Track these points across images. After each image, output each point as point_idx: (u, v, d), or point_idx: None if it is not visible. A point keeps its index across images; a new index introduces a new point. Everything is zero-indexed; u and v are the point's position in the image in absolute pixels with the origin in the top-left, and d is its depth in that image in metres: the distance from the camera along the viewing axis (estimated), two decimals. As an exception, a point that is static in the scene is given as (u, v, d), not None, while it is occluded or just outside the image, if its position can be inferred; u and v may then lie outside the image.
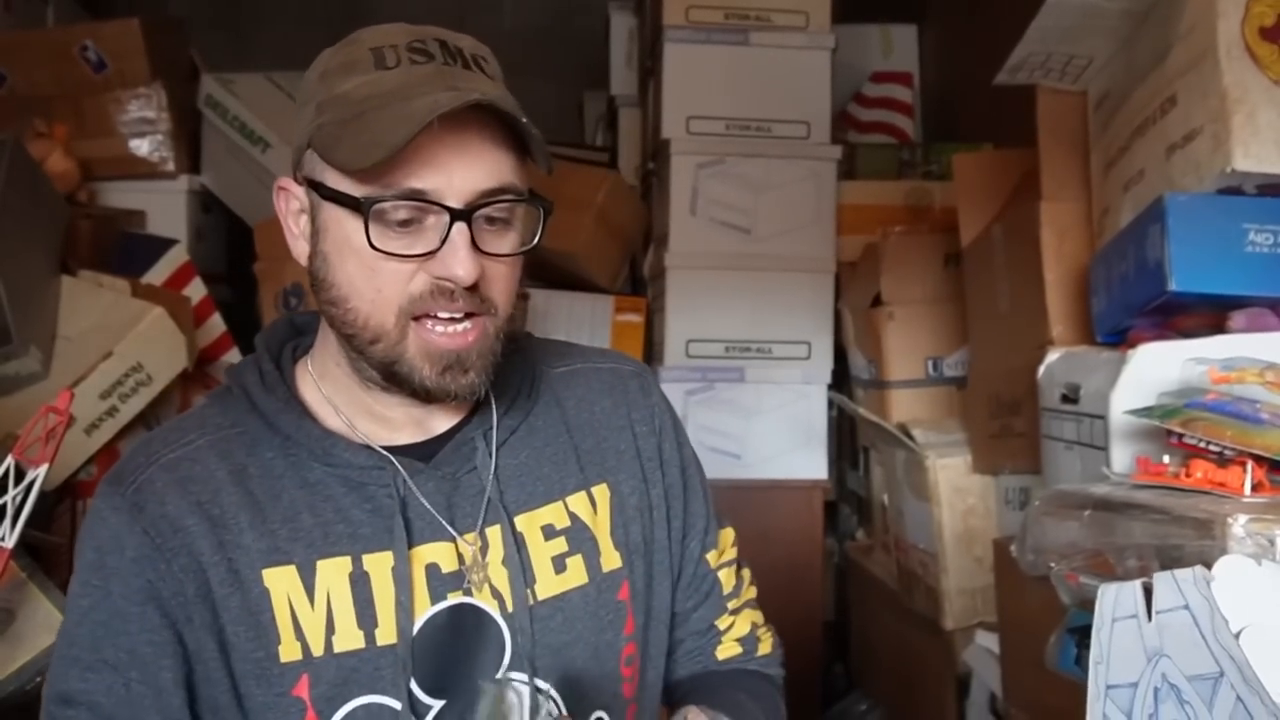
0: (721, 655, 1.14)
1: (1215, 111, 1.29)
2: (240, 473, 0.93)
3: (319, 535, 0.92)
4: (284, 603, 0.91)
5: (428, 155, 0.86)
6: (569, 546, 1.00)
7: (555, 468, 1.02)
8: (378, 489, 0.94)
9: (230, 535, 0.91)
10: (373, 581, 0.92)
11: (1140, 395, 1.23)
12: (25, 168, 2.01)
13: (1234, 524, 0.87)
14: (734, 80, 2.61)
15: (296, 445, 0.94)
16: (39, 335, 1.81)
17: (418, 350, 0.90)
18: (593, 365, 1.10)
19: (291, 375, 1.00)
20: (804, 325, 2.63)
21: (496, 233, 0.90)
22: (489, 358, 0.92)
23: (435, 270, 0.88)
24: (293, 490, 0.93)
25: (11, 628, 1.38)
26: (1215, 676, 0.67)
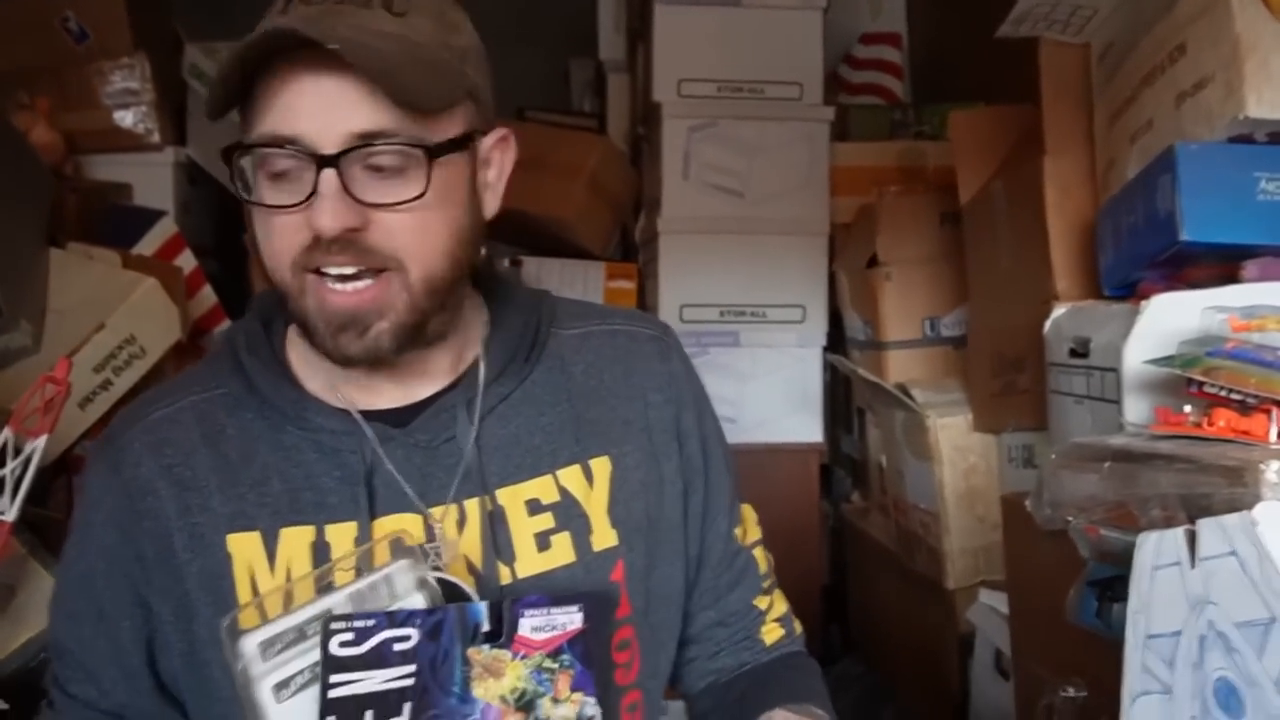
0: (768, 640, 1.10)
1: (1227, 58, 1.28)
2: (218, 435, 0.92)
3: (286, 502, 0.90)
4: (245, 569, 0.89)
5: (293, 101, 0.82)
6: (556, 523, 0.95)
7: (548, 438, 0.96)
8: (348, 455, 0.91)
9: (198, 499, 0.90)
10: (333, 552, 0.89)
11: (1155, 346, 1.22)
12: (10, 141, 1.97)
13: (1267, 470, 0.85)
14: (725, 42, 2.59)
15: (273, 407, 0.92)
16: (29, 309, 1.79)
17: (314, 308, 0.86)
18: (608, 327, 1.04)
19: (281, 337, 0.98)
20: (798, 288, 2.62)
21: (384, 180, 0.84)
22: (398, 318, 0.86)
23: (309, 222, 0.83)
24: (266, 454, 0.92)
25: (13, 604, 1.36)
26: (1266, 623, 0.66)
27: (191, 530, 0.90)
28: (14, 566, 1.36)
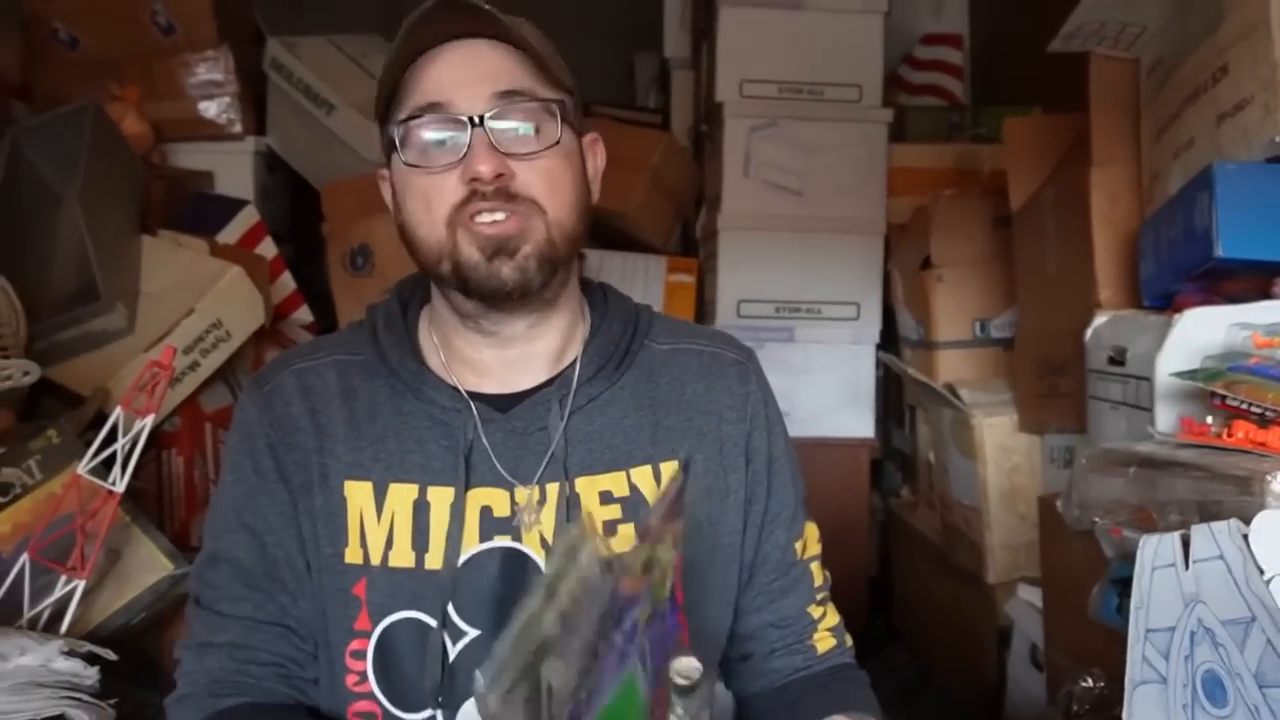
0: (821, 648, 1.15)
1: (1266, 81, 1.32)
2: (350, 393, 1.06)
3: (397, 461, 1.03)
4: (356, 512, 1.02)
5: (439, 76, 0.98)
6: (623, 514, 1.04)
7: (627, 439, 1.06)
8: (455, 428, 1.03)
9: (329, 443, 1.04)
10: (431, 511, 1.02)
11: (1185, 358, 1.28)
12: (107, 131, 2.09)
13: (1272, 481, 0.92)
14: (787, 44, 2.64)
15: (398, 378, 1.05)
16: (124, 293, 1.90)
17: (468, 244, 0.98)
18: (697, 347, 1.13)
19: (415, 318, 1.11)
20: (853, 286, 2.68)
21: (524, 139, 0.99)
22: (539, 248, 0.99)
23: (465, 175, 0.97)
24: (387, 416, 1.05)
25: (118, 566, 1.47)
26: (1247, 621, 0.73)
27: (321, 468, 1.03)
28: (119, 533, 1.47)
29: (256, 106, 2.84)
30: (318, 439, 1.04)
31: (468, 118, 0.97)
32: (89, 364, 1.87)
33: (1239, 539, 0.76)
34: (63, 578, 1.38)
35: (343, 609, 1.02)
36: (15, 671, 1.19)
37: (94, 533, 1.34)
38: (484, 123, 0.97)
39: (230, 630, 1.03)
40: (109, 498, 1.34)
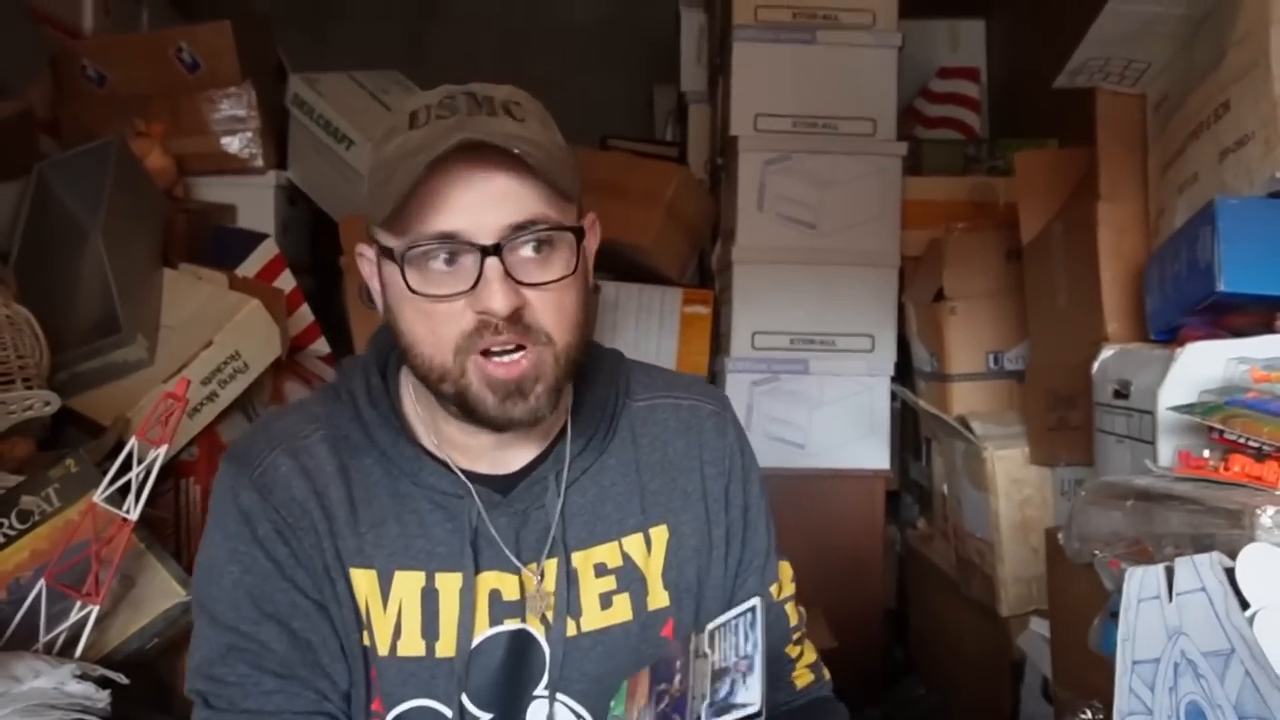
0: (800, 683, 1.18)
1: (1266, 117, 1.33)
2: (344, 472, 1.02)
3: (401, 546, 1.01)
4: (362, 600, 1.00)
5: (453, 199, 0.92)
6: (618, 585, 1.06)
7: (617, 508, 1.08)
8: (458, 513, 1.02)
9: (335, 526, 1.00)
10: (441, 598, 1.01)
11: (1187, 392, 1.29)
12: (130, 166, 2.13)
13: (1262, 514, 0.92)
14: (801, 78, 2.67)
15: (391, 461, 1.03)
16: (145, 325, 1.94)
17: (479, 382, 0.95)
18: (674, 400, 1.15)
19: (396, 384, 1.08)
20: (868, 318, 2.69)
21: (538, 263, 0.95)
22: (550, 383, 0.97)
23: (475, 306, 0.93)
24: (384, 498, 1.02)
25: (132, 593, 1.50)
26: (1227, 653, 0.73)
27: (335, 552, 1.00)
28: (133, 560, 1.50)
29: (278, 141, 2.89)
30: (327, 522, 1.00)
31: (480, 247, 0.92)
32: (110, 394, 1.91)
33: (1220, 571, 0.77)
34: (78, 603, 1.40)
35: (361, 692, 1.01)
36: (29, 694, 1.21)
37: (108, 559, 1.37)
38: (499, 252, 0.92)
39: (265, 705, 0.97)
40: (123, 525, 1.37)
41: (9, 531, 1.47)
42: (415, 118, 0.96)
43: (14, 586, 1.47)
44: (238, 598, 0.99)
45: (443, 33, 4.18)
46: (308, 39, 3.95)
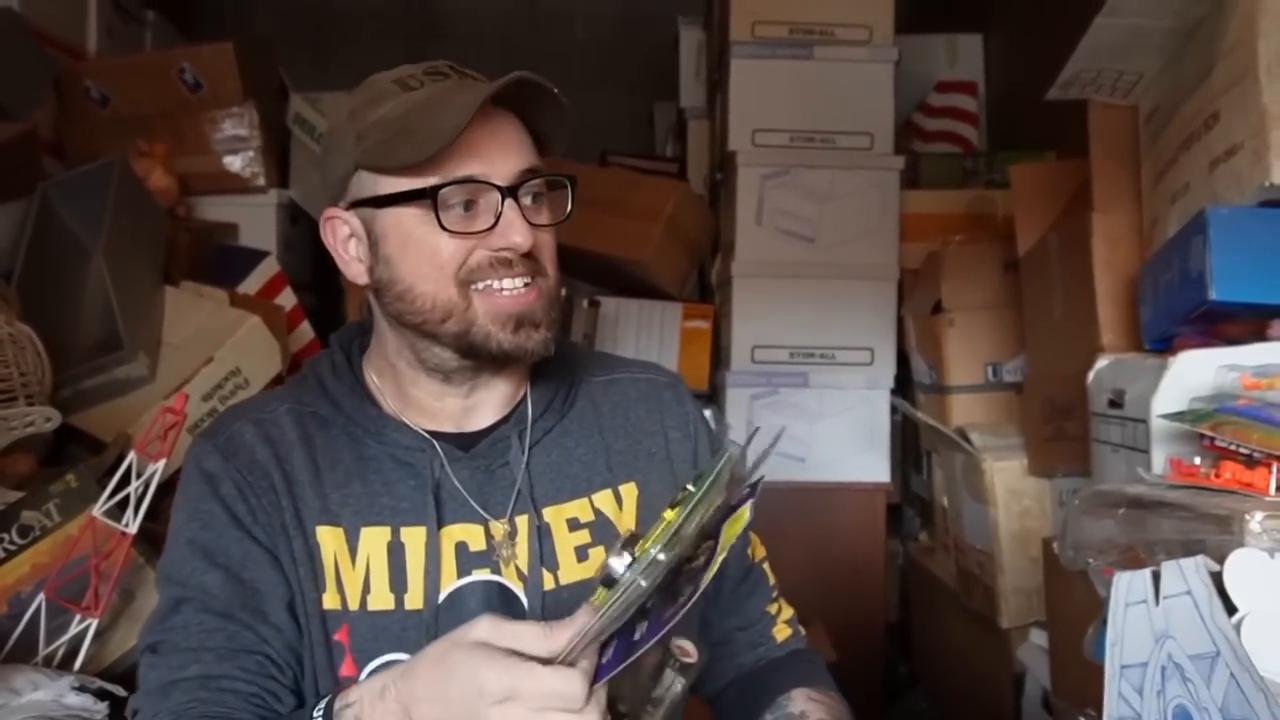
0: (780, 637, 1.22)
1: (1255, 128, 1.34)
2: (308, 440, 1.07)
3: (366, 504, 1.05)
4: (330, 558, 1.03)
5: (473, 146, 0.99)
6: (592, 538, 1.10)
7: (584, 467, 1.12)
8: (421, 468, 1.06)
9: (297, 489, 1.04)
10: (407, 552, 1.04)
11: (1179, 400, 1.29)
12: (132, 185, 2.15)
13: (1250, 520, 0.93)
14: (798, 93, 2.69)
15: (356, 424, 1.07)
16: (147, 342, 1.95)
17: (487, 315, 1.01)
18: (631, 375, 1.21)
19: (360, 366, 1.13)
20: (867, 331, 2.70)
21: (536, 208, 1.04)
22: (554, 315, 1.05)
23: (495, 243, 1.00)
24: (349, 462, 1.06)
25: (131, 606, 1.51)
26: (1212, 656, 0.74)
27: (294, 513, 1.03)
28: (133, 574, 1.51)
29: (280, 160, 2.91)
30: (286, 484, 1.04)
31: (500, 188, 1.00)
32: (112, 411, 1.92)
33: (1205, 575, 0.77)
34: (77, 616, 1.41)
35: (328, 656, 1.02)
36: (28, 706, 1.22)
37: (108, 573, 1.38)
38: (515, 193, 1.00)
39: (202, 661, 0.99)
40: (122, 539, 1.38)
41: (9, 546, 1.48)
42: (405, 84, 1.03)
43: (14, 600, 1.48)
44: (191, 553, 1.02)
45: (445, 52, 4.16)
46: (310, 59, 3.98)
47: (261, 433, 1.06)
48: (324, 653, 1.02)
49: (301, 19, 4.25)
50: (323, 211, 1.08)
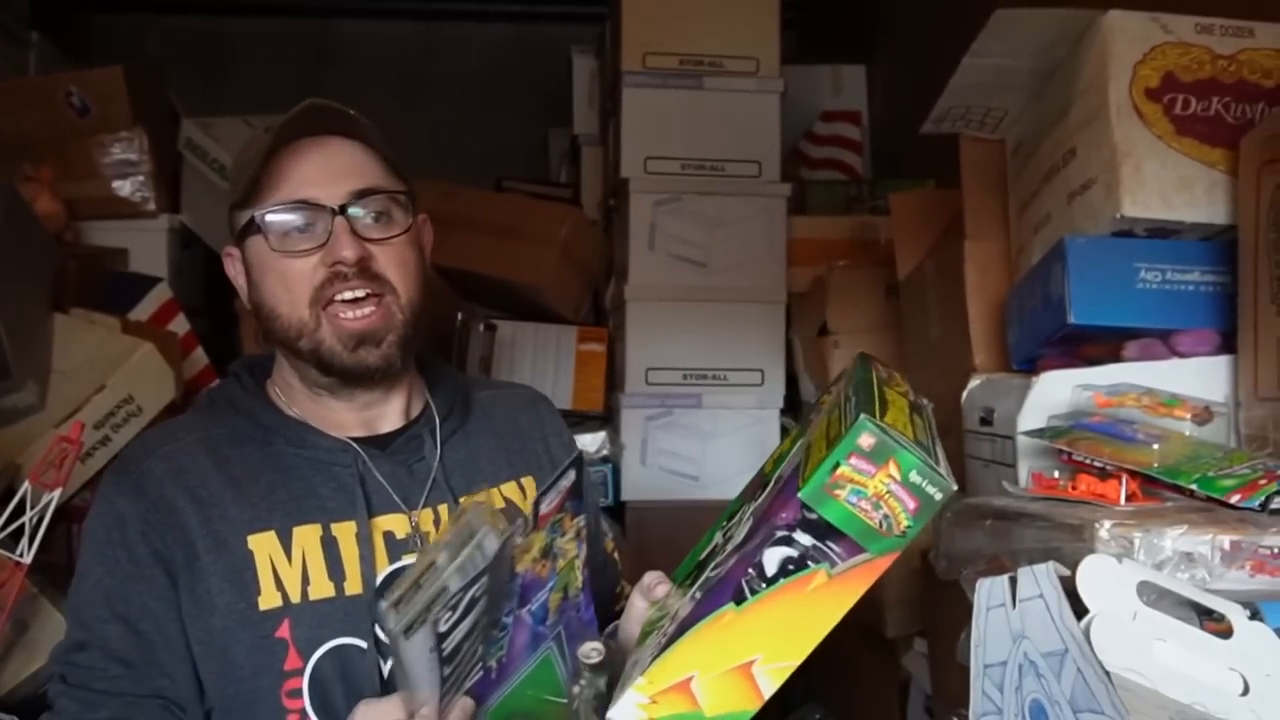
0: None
1: (1107, 163, 1.44)
2: (224, 463, 1.14)
3: (294, 506, 1.12)
4: (266, 561, 1.10)
5: (303, 173, 1.11)
6: None
7: (489, 462, 1.25)
8: (341, 469, 1.15)
9: (217, 510, 1.10)
10: (340, 544, 1.12)
11: (1041, 418, 1.38)
12: (20, 211, 2.12)
13: (1100, 528, 1.01)
14: (689, 122, 2.77)
15: (275, 435, 1.16)
16: (36, 370, 1.92)
17: (331, 335, 1.11)
18: (509, 391, 1.38)
19: (265, 388, 1.23)
20: (757, 354, 2.78)
21: (380, 226, 1.13)
22: (398, 333, 1.14)
23: (327, 259, 1.10)
24: (269, 474, 1.14)
25: (25, 637, 1.49)
26: (1061, 653, 0.81)
27: (214, 536, 1.09)
28: (27, 604, 1.50)
29: (171, 185, 2.88)
30: (201, 512, 1.10)
31: (330, 207, 1.10)
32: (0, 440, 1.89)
33: (1055, 579, 0.85)
34: (-30, 649, 1.39)
35: (268, 655, 1.08)
36: (-80, 741, 1.20)
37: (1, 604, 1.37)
38: (345, 212, 1.10)
39: (110, 706, 1.07)
40: (16, 569, 1.37)
41: (-102, 579, 1.45)
42: (270, 127, 1.13)
43: (-97, 635, 1.46)
44: (95, 598, 1.10)
45: (339, 77, 4.21)
46: (203, 82, 3.94)
47: (172, 466, 1.12)
48: (264, 655, 1.07)
49: (194, 41, 4.20)
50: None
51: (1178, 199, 1.41)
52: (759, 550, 0.82)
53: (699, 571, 0.98)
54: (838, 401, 0.95)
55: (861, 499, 0.80)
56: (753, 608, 0.82)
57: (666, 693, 0.82)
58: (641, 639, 1.00)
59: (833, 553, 0.81)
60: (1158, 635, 0.87)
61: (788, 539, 0.82)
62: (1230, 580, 0.95)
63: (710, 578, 0.90)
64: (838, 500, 0.80)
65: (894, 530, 0.82)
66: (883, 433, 0.79)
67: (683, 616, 0.87)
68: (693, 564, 1.04)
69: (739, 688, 0.82)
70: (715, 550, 0.98)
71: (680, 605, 0.93)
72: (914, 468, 0.79)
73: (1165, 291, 1.44)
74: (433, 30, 4.33)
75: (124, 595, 1.09)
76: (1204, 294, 1.42)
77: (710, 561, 0.95)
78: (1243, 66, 1.44)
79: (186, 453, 1.14)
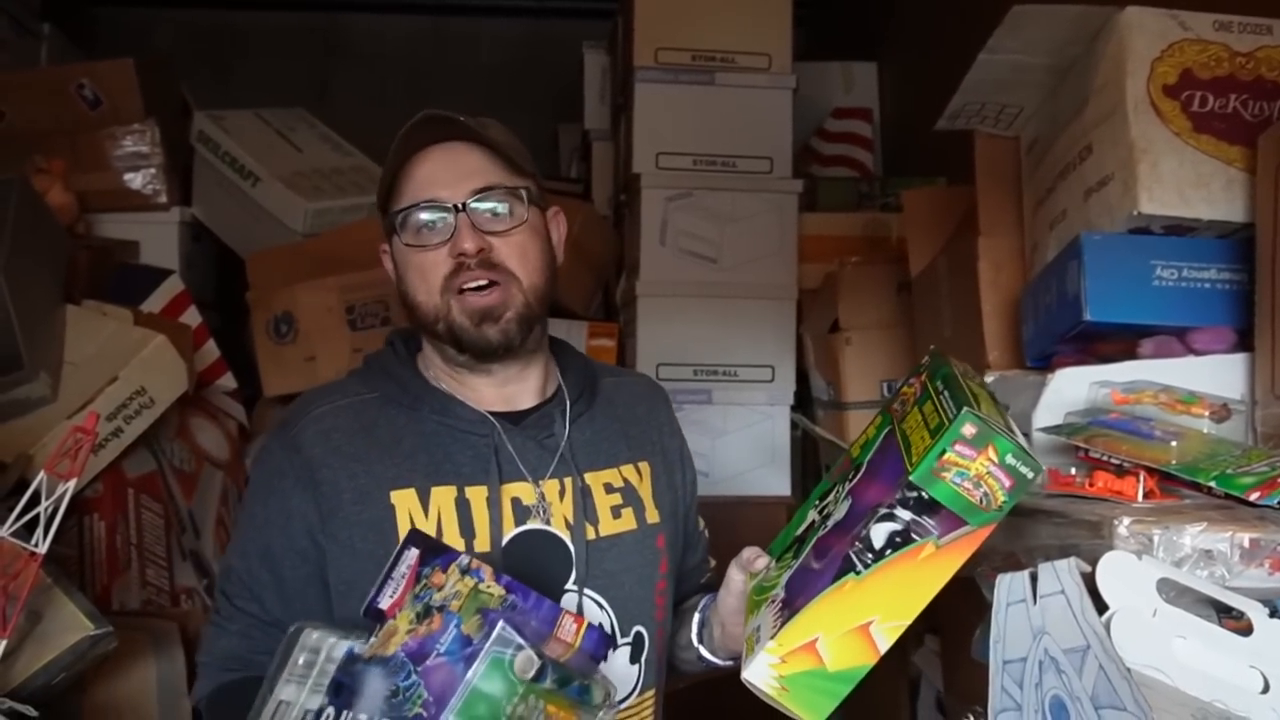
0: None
1: (1124, 160, 1.44)
2: (372, 425, 1.26)
3: (433, 469, 1.23)
4: (405, 515, 1.21)
5: (429, 176, 1.24)
6: (623, 500, 1.31)
7: (611, 444, 1.34)
8: (478, 438, 1.25)
9: (363, 466, 1.23)
10: (472, 506, 1.23)
11: (1056, 415, 1.38)
12: (32, 204, 2.12)
13: (1119, 525, 1.00)
14: (700, 118, 2.77)
15: (420, 403, 1.27)
16: (48, 361, 1.93)
17: (459, 312, 1.22)
18: (632, 380, 1.49)
19: (416, 359, 1.34)
20: (768, 350, 2.78)
21: (499, 219, 1.23)
22: (519, 312, 1.23)
23: (452, 251, 1.21)
24: (412, 437, 1.25)
25: (39, 628, 1.49)
26: (1083, 649, 0.81)
27: (360, 489, 1.22)
28: (40, 595, 1.49)
29: (183, 178, 2.89)
30: (348, 468, 1.23)
31: (452, 205, 1.21)
32: (12, 431, 1.89)
33: (1077, 575, 0.84)
34: (-15, 639, 1.39)
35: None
36: (-65, 730, 1.20)
37: (15, 594, 1.37)
38: (465, 209, 1.21)
39: (240, 621, 1.26)
40: (30, 560, 1.36)
41: (-88, 569, 1.45)
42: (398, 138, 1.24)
43: (-83, 625, 1.45)
44: (248, 531, 1.28)
45: (349, 71, 4.21)
46: (212, 76, 3.95)
47: (322, 428, 1.26)
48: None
49: (203, 34, 4.21)
50: None
51: (1195, 196, 1.40)
52: (865, 526, 0.95)
53: (798, 545, 1.12)
54: (927, 394, 1.07)
55: (965, 480, 0.92)
56: (871, 576, 0.94)
57: (795, 653, 0.96)
58: (752, 608, 1.12)
59: (931, 526, 0.94)
60: (1178, 632, 0.87)
61: (890, 515, 0.94)
62: (1249, 578, 0.95)
63: (818, 550, 1.03)
64: (944, 481, 0.93)
65: (992, 506, 0.94)
66: (983, 423, 0.92)
67: (798, 587, 1.01)
68: (789, 539, 1.19)
69: (858, 645, 0.97)
70: (813, 526, 1.12)
71: (786, 575, 1.07)
72: (1010, 451, 0.92)
73: (1182, 289, 1.44)
74: (443, 24, 4.34)
75: (265, 533, 1.25)
76: (1220, 292, 1.41)
77: (809, 537, 1.10)
78: (1261, 64, 1.44)
79: (339, 415, 1.27)
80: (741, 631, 1.19)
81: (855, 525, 0.98)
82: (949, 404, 0.97)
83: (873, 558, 0.94)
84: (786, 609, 1.00)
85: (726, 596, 1.26)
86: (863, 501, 1.02)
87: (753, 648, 1.01)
